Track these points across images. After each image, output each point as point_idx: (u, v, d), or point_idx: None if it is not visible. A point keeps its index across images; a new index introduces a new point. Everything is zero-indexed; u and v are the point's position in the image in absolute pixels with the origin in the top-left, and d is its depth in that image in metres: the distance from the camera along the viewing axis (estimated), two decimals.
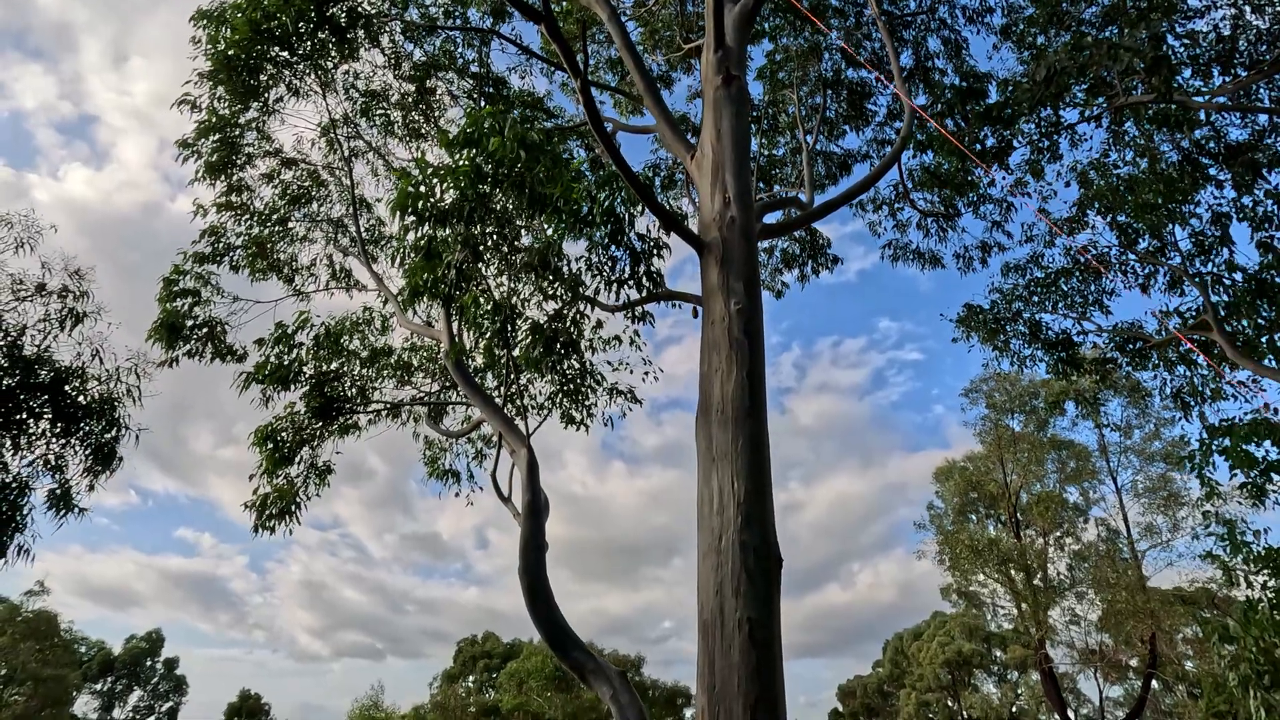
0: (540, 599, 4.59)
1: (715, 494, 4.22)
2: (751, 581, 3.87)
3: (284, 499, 7.66)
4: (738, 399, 4.43)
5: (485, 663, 45.12)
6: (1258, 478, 7.19)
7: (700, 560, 4.13)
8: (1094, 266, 10.08)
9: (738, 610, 3.80)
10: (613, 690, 4.24)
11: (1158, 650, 19.58)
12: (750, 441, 4.30)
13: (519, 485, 5.40)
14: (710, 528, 4.14)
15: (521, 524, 4.97)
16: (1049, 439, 23.88)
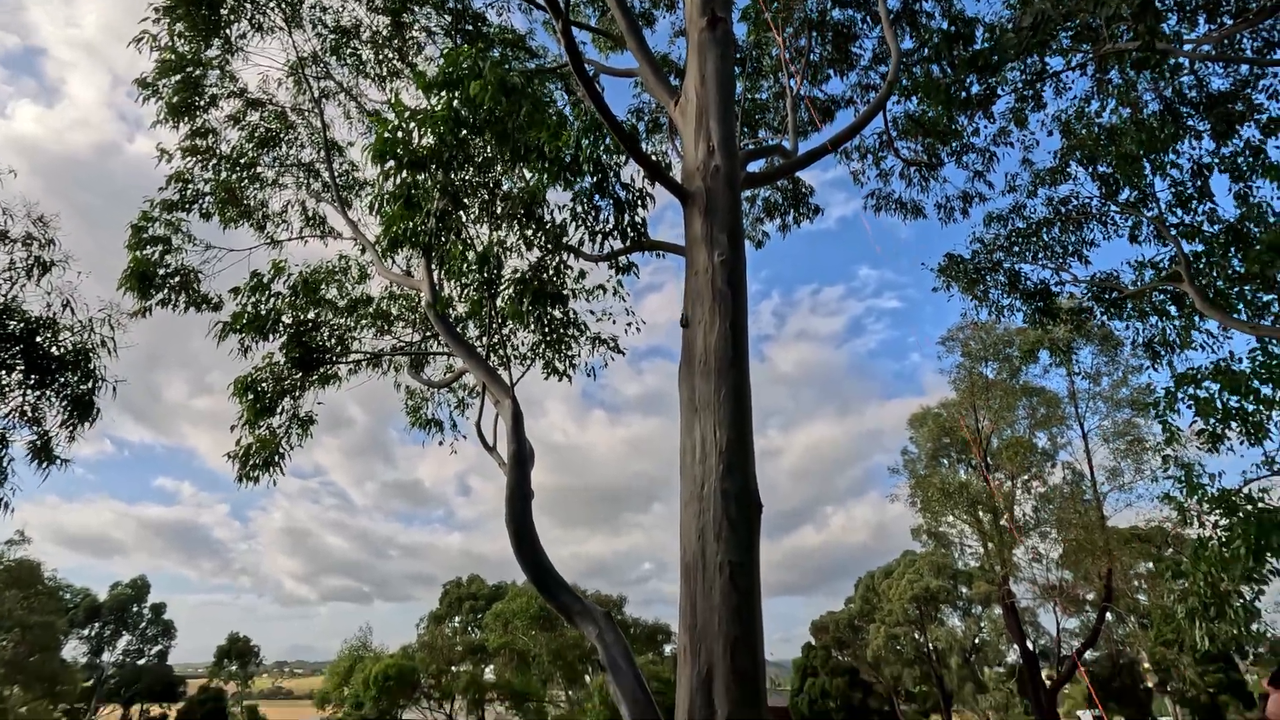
0: (527, 545, 4.70)
1: (697, 443, 4.30)
2: (732, 527, 3.99)
3: (267, 449, 7.66)
4: (720, 350, 4.48)
5: (471, 604, 46.27)
6: (1216, 425, 7.47)
7: (683, 507, 4.25)
8: (1075, 218, 10.15)
9: (719, 554, 3.93)
10: (598, 630, 4.39)
11: (1113, 585, 20.64)
12: (732, 392, 4.37)
13: (503, 435, 5.45)
14: (692, 476, 4.23)
15: (507, 473, 5.03)
16: (1021, 386, 24.48)
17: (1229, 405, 7.14)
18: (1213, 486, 6.93)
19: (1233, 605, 7.39)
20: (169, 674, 61.53)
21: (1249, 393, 6.84)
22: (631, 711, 4.08)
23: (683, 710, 3.71)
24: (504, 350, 7.06)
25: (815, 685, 58.26)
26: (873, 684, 57.02)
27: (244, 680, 61.70)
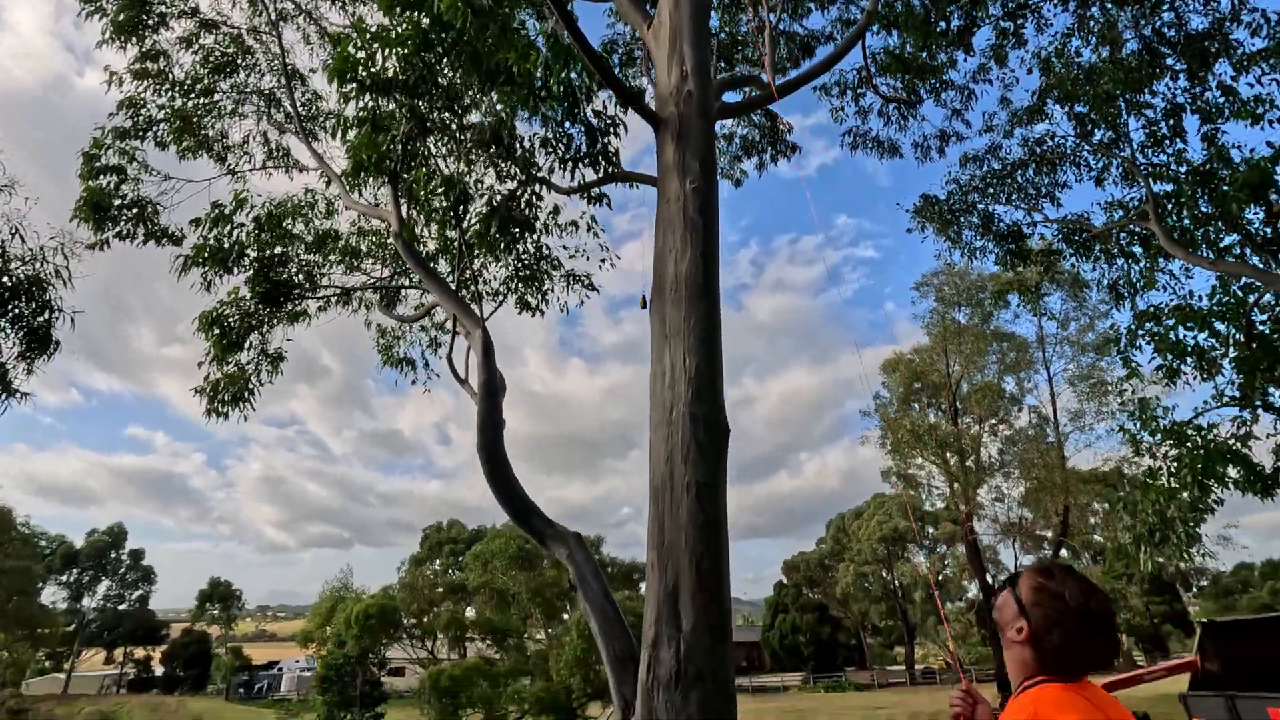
0: (499, 472, 4.76)
1: (667, 370, 4.34)
2: (700, 450, 4.07)
3: (235, 385, 7.57)
4: (691, 278, 4.48)
5: (451, 548, 47.04)
6: (1173, 360, 7.71)
7: (652, 432, 4.31)
8: (1049, 159, 10.17)
9: (686, 476, 4.02)
10: (568, 550, 4.52)
11: (1069, 521, 21.57)
12: (702, 319, 4.39)
13: (475, 367, 5.44)
14: (662, 402, 4.29)
15: (478, 403, 5.05)
16: (992, 331, 24.95)
17: (1184, 341, 7.37)
18: (1165, 419, 7.20)
19: (1176, 532, 7.79)
20: (151, 618, 62.13)
21: (1205, 327, 7.04)
22: (600, 622, 4.23)
23: (650, 622, 3.86)
24: (475, 286, 6.98)
25: (786, 621, 60.71)
26: (841, 619, 59.58)
27: (227, 623, 62.58)
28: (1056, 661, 1.82)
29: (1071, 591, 1.83)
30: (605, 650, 4.14)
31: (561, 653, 21.39)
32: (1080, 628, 1.80)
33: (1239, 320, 6.84)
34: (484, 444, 4.80)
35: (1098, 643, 1.81)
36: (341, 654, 24.05)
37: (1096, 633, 1.80)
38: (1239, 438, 7.04)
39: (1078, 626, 1.80)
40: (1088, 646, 1.81)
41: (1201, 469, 6.66)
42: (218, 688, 55.08)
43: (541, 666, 23.81)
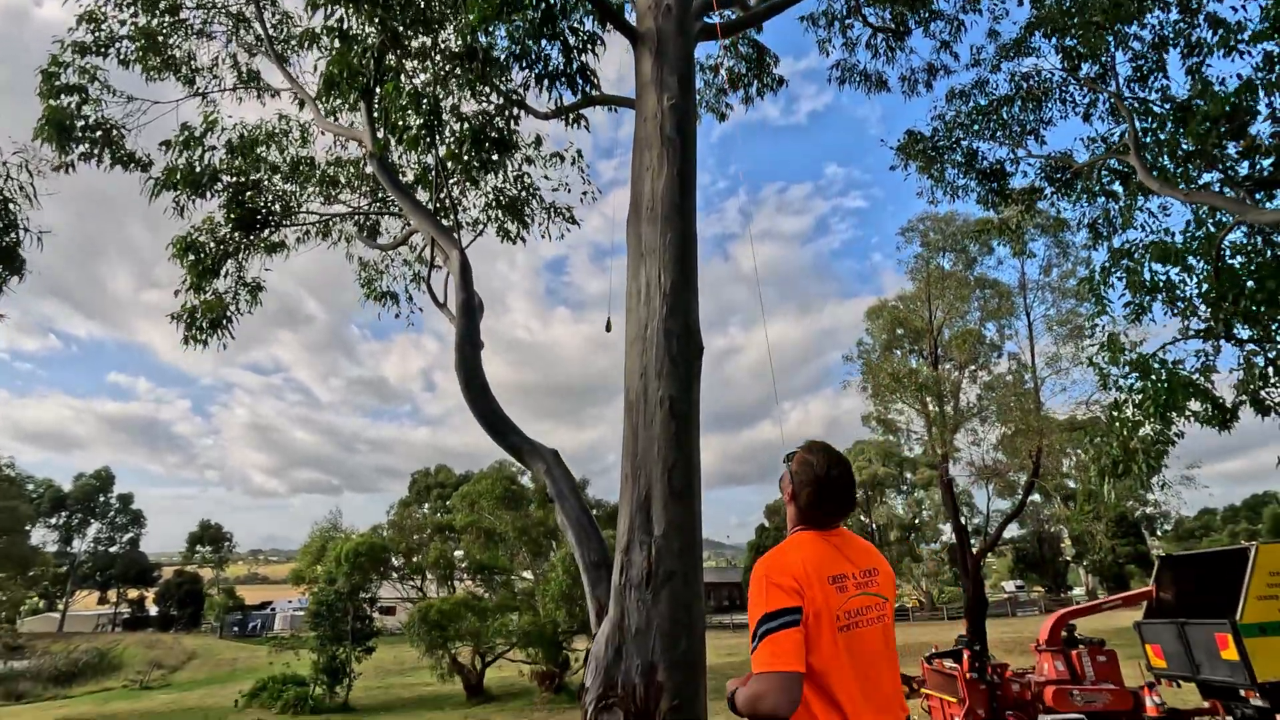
0: (477, 390, 4.83)
1: (643, 287, 4.39)
2: (674, 364, 4.16)
3: (213, 312, 7.52)
4: (667, 196, 4.48)
5: (439, 491, 47.72)
6: (1142, 298, 7.85)
7: (628, 347, 4.39)
8: (1035, 94, 10.07)
9: (660, 389, 4.11)
10: (546, 465, 4.63)
11: (1041, 464, 22.17)
12: (677, 237, 4.42)
13: (454, 290, 5.45)
14: (638, 318, 4.35)
15: (456, 322, 5.08)
16: (976, 278, 25.04)
17: (1156, 278, 7.48)
18: (1132, 353, 7.38)
19: (1137, 463, 8.07)
20: (143, 560, 62.93)
21: (1178, 262, 7.15)
22: (576, 532, 4.38)
23: (623, 529, 4.00)
24: (455, 214, 6.89)
25: None
26: None
27: (218, 565, 63.54)
28: (806, 514, 2.26)
29: (819, 461, 2.25)
30: (581, 558, 4.30)
31: (547, 588, 22.00)
32: (821, 489, 2.22)
33: (1209, 254, 6.94)
34: (462, 362, 4.86)
35: (831, 502, 2.22)
36: (332, 591, 24.58)
37: (831, 495, 2.22)
38: (1201, 371, 7.25)
39: (819, 488, 2.22)
40: (827, 504, 2.22)
41: (1164, 401, 6.86)
42: (211, 626, 56.27)
43: (528, 602, 24.52)
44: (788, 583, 2.03)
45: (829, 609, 2.03)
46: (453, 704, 23.88)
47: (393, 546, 26.46)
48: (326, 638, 24.38)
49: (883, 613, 2.16)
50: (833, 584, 2.08)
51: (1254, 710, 13.00)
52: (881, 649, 2.13)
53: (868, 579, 2.17)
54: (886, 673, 2.13)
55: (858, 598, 2.10)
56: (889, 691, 2.12)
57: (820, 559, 2.12)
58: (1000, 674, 13.13)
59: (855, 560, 2.19)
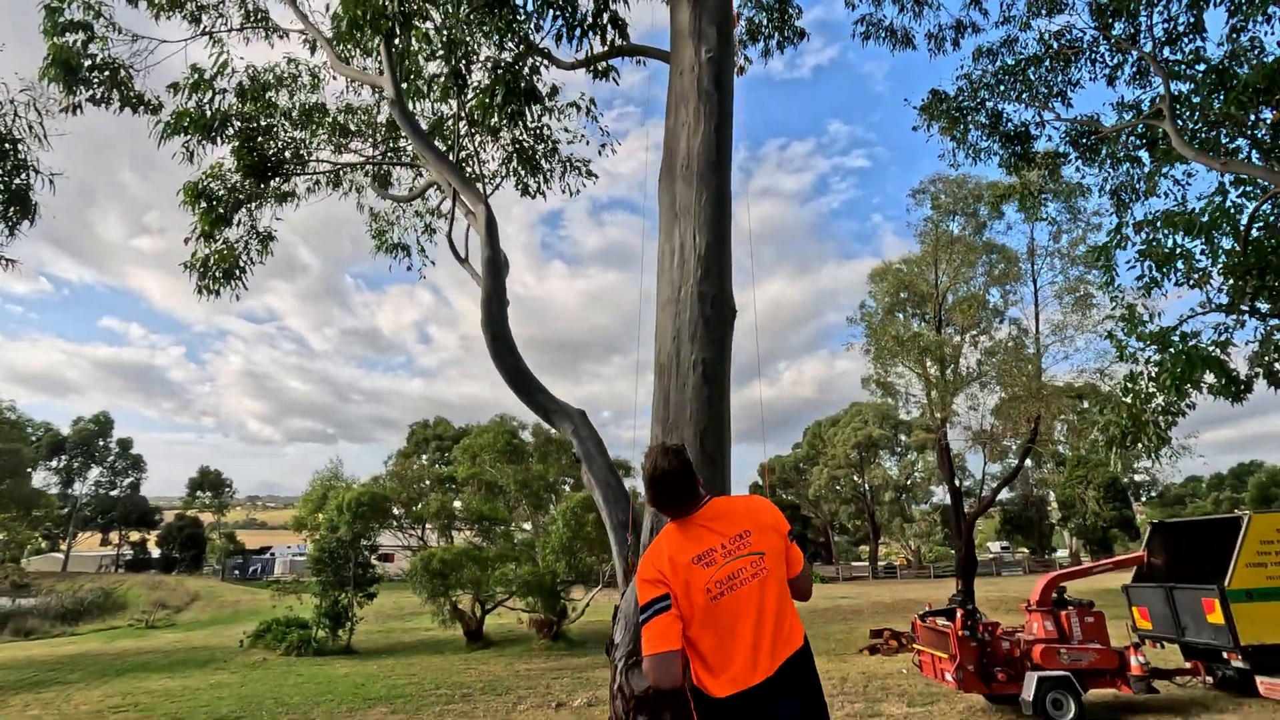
0: (504, 348, 4.78)
1: (676, 248, 4.31)
2: (707, 327, 4.11)
3: (226, 261, 7.40)
4: (703, 154, 4.36)
5: (437, 443, 48.10)
6: (1157, 270, 7.78)
7: (659, 310, 4.33)
8: (1064, 53, 9.80)
9: (693, 353, 4.07)
10: (574, 426, 4.63)
11: (1039, 429, 22.40)
12: (713, 196, 4.32)
13: (476, 245, 5.35)
14: (670, 280, 4.28)
15: (482, 280, 5.00)
16: (984, 243, 24.85)
17: (1174, 249, 7.40)
18: (1152, 324, 7.35)
19: (1147, 434, 8.13)
20: (144, 504, 63.69)
21: (1203, 233, 7.05)
22: (604, 492, 4.40)
23: None
24: (478, 166, 6.71)
25: None
26: (811, 518, 62.59)
27: (219, 510, 64.39)
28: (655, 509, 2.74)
29: (646, 464, 2.61)
30: (609, 518, 4.33)
31: (548, 540, 22.38)
32: (651, 486, 2.58)
33: (1235, 226, 6.85)
34: (489, 320, 4.80)
35: (662, 498, 2.55)
36: (334, 538, 24.95)
37: (659, 491, 2.54)
38: (1219, 344, 7.24)
39: (649, 486, 2.60)
40: (659, 499, 2.56)
41: (1181, 374, 6.87)
42: (213, 569, 57.34)
43: (527, 553, 24.97)
44: (653, 575, 2.40)
45: (698, 585, 2.34)
46: (453, 649, 24.52)
47: (394, 496, 26.78)
48: (329, 583, 24.86)
49: (760, 567, 2.41)
50: (697, 563, 2.38)
51: (1234, 671, 13.46)
52: (765, 598, 2.39)
53: (738, 543, 2.43)
54: (770, 616, 2.38)
55: (728, 564, 2.38)
56: (777, 629, 2.38)
57: (680, 546, 2.43)
58: (991, 632, 13.51)
59: (722, 531, 2.45)
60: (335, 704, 15.30)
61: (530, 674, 19.51)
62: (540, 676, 18.98)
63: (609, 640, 3.97)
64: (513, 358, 4.80)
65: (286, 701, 15.49)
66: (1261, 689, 12.75)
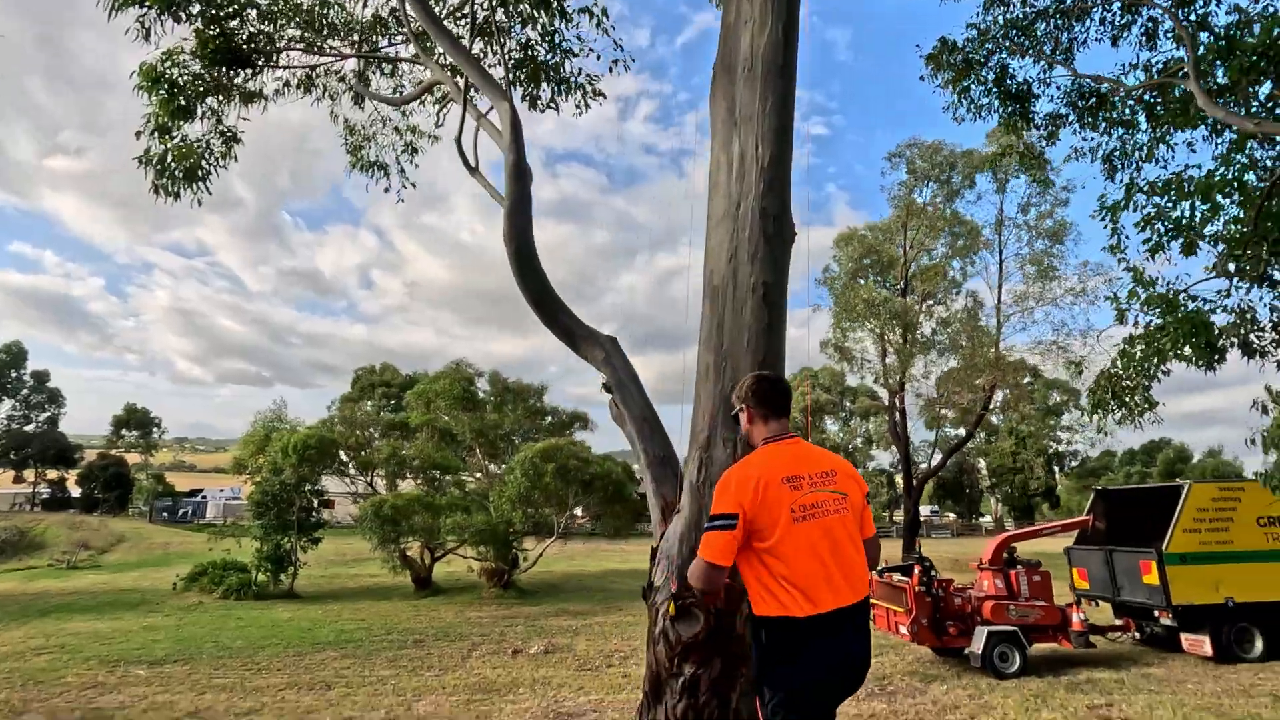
0: (528, 265, 4.29)
1: (735, 158, 3.88)
2: (769, 247, 3.73)
3: (189, 158, 6.53)
4: (770, 55, 3.91)
5: (384, 390, 46.68)
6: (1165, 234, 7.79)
7: (713, 227, 3.92)
8: (1075, 10, 9.59)
9: (753, 275, 3.69)
10: (605, 353, 4.22)
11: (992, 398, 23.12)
12: (779, 103, 3.89)
13: (505, 150, 4.75)
14: (728, 194, 3.86)
15: (506, 186, 4.45)
16: (951, 214, 25.09)
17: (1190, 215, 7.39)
18: (1162, 287, 7.36)
19: (1134, 397, 8.25)
20: (62, 440, 60.15)
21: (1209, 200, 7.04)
22: (638, 426, 4.04)
23: (704, 425, 3.67)
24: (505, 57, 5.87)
25: None
26: None
27: (146, 450, 61.35)
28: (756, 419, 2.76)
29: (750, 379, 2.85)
30: (645, 453, 3.97)
31: (504, 490, 22.01)
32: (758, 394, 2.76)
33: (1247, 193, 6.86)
34: (514, 231, 4.28)
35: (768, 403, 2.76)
36: (278, 481, 23.99)
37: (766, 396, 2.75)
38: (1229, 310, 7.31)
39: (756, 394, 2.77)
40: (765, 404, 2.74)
41: (1183, 336, 6.91)
42: (140, 510, 54.92)
43: (479, 502, 24.60)
44: (731, 493, 2.43)
45: (784, 503, 2.39)
46: (400, 595, 24.15)
47: (342, 441, 25.85)
48: (271, 526, 24.00)
49: (842, 505, 2.48)
50: (785, 483, 2.43)
51: (1161, 629, 14.35)
52: (843, 534, 2.45)
53: (825, 479, 2.50)
54: (848, 552, 2.45)
55: (814, 493, 2.45)
56: (850, 567, 2.44)
57: (773, 465, 2.49)
58: (944, 588, 13.96)
59: (810, 466, 2.52)
60: (281, 647, 14.78)
61: (482, 621, 19.35)
62: (493, 624, 18.85)
63: (647, 583, 3.66)
64: (536, 276, 4.32)
65: (228, 644, 14.88)
66: (1185, 645, 13.64)
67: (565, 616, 19.92)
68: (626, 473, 23.68)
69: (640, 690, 11.58)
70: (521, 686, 11.16)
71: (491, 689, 10.94)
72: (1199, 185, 6.89)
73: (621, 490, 22.67)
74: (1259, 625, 13.41)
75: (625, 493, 23.66)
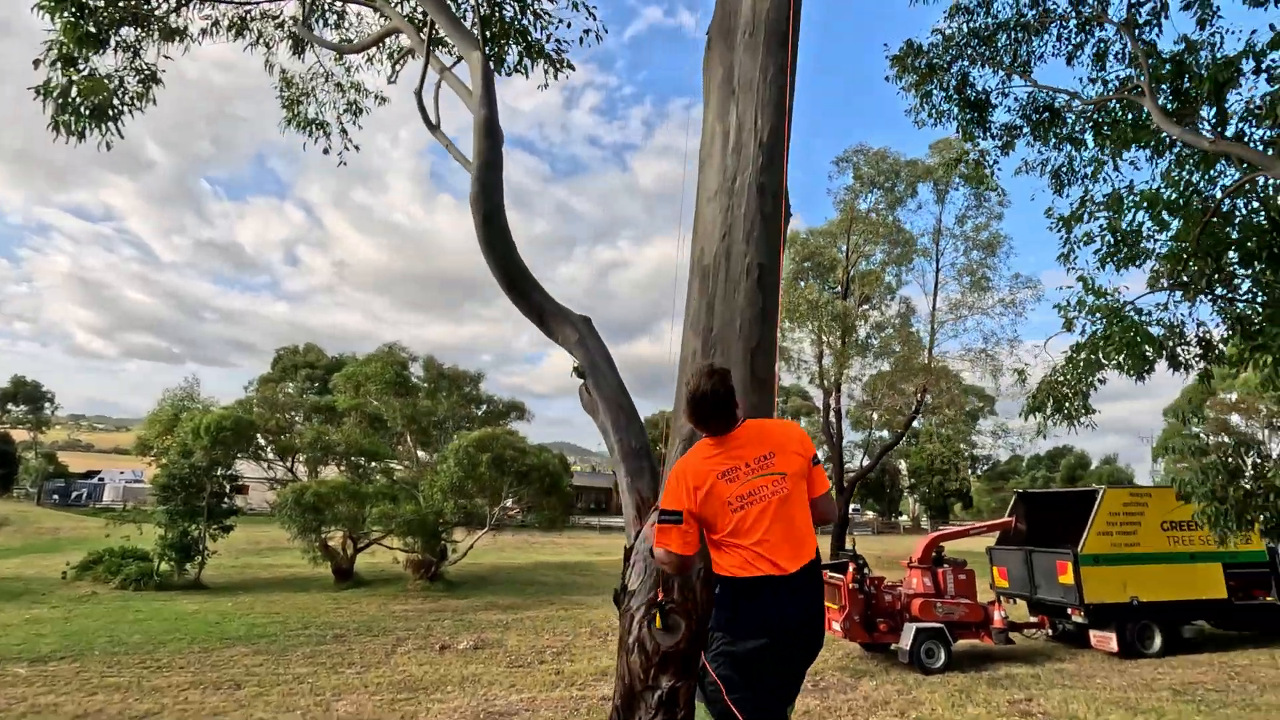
0: (497, 234, 3.87)
1: (732, 129, 3.59)
2: (766, 227, 3.46)
3: (98, 95, 5.72)
4: (772, 20, 3.63)
5: (308, 372, 44.47)
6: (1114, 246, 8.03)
7: (705, 202, 3.62)
8: (1035, 26, 9.79)
9: (748, 255, 3.42)
10: (578, 335, 3.86)
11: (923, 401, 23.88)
12: (780, 73, 3.62)
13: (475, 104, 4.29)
14: (722, 167, 3.57)
15: (477, 144, 4.00)
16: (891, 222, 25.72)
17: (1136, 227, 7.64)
18: (1113, 298, 7.56)
19: (1073, 403, 8.49)
20: None
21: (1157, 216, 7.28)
22: (613, 414, 3.71)
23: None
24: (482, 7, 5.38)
25: None
26: None
27: (36, 426, 56.53)
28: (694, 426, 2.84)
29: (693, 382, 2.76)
30: (619, 444, 3.65)
31: (435, 479, 21.21)
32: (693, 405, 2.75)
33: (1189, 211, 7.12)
34: (483, 195, 3.85)
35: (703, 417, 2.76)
36: (188, 464, 22.37)
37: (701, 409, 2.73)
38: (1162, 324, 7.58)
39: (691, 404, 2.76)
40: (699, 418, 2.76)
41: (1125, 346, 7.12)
42: (26, 492, 50.56)
43: (408, 491, 23.67)
44: (675, 489, 2.69)
45: (721, 497, 2.59)
46: (319, 586, 22.98)
47: (261, 423, 24.33)
48: (178, 512, 22.34)
49: (781, 486, 2.62)
50: (722, 478, 2.62)
51: (1073, 626, 15.13)
52: (778, 514, 2.58)
53: (762, 464, 2.64)
54: (786, 527, 2.58)
55: (750, 481, 2.61)
56: (794, 539, 2.59)
57: (709, 461, 2.67)
58: (876, 586, 14.24)
59: (748, 453, 2.66)
60: (185, 642, 13.73)
61: (408, 615, 18.59)
62: (419, 618, 18.13)
63: (619, 587, 3.34)
64: (506, 245, 3.91)
65: (124, 639, 13.70)
66: (1093, 641, 14.41)
67: (495, 610, 19.40)
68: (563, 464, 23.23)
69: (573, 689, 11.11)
70: (449, 684, 10.68)
71: (418, 687, 10.42)
72: (1145, 195, 7.10)
73: (558, 482, 22.21)
74: (1158, 622, 14.30)
75: (561, 484, 23.20)
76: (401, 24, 4.97)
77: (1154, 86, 7.46)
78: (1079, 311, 7.66)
